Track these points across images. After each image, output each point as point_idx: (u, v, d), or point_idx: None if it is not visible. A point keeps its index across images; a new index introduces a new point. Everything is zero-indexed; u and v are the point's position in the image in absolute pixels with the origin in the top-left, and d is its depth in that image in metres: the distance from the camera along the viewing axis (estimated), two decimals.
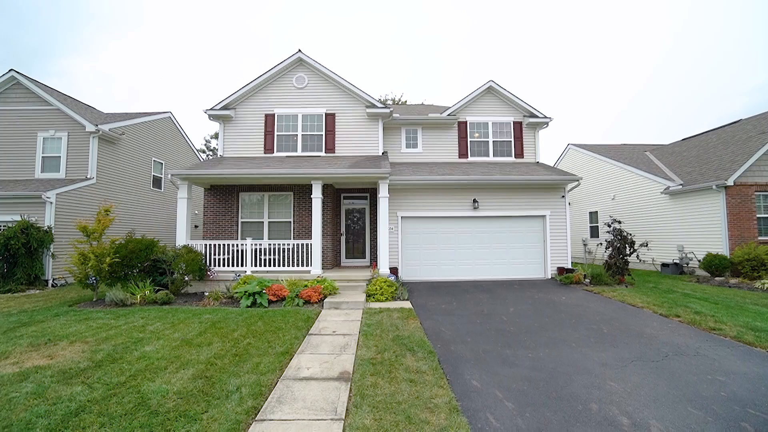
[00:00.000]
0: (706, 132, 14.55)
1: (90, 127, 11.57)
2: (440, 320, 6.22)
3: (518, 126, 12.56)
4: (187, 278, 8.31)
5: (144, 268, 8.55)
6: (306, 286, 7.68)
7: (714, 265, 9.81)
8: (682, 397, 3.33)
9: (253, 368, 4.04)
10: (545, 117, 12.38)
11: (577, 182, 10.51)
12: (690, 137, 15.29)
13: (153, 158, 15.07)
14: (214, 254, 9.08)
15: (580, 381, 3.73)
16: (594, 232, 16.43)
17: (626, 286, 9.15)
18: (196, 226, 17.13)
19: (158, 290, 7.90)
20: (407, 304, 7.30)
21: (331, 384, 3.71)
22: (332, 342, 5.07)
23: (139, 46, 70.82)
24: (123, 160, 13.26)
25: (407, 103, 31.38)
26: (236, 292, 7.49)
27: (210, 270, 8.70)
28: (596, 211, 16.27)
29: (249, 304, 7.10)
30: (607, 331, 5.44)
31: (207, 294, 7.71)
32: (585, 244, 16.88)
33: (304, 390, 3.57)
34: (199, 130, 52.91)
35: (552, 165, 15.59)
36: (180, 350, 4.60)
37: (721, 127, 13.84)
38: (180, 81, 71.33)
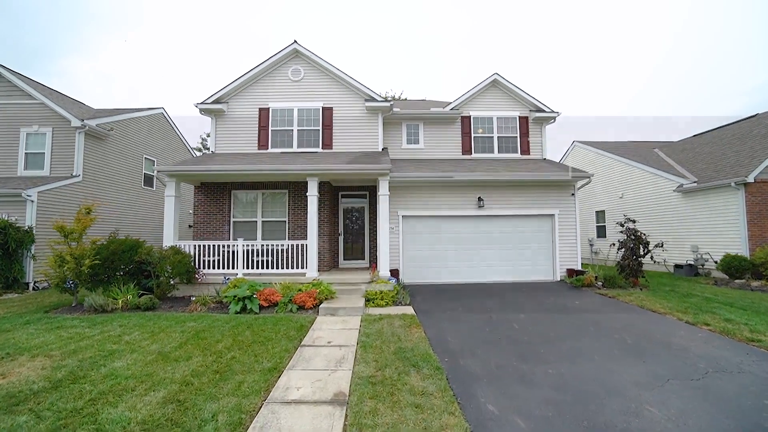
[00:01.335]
0: (719, 128, 14.00)
1: (75, 123, 11.02)
2: (446, 328, 5.69)
3: (524, 121, 12.03)
4: (173, 281, 7.78)
5: (128, 271, 8.01)
6: (300, 290, 7.14)
7: (733, 267, 9.27)
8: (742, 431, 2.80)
9: (235, 389, 3.51)
10: (552, 111, 11.86)
11: (587, 179, 9.97)
12: (702, 133, 14.75)
13: (144, 155, 14.51)
14: (204, 256, 8.54)
15: (613, 405, 3.20)
16: (601, 231, 15.91)
17: (641, 289, 8.62)
18: (190, 226, 16.56)
19: (142, 295, 7.36)
20: (409, 310, 6.77)
21: (323, 409, 3.18)
22: (327, 355, 4.54)
23: (139, 46, 70.12)
24: (112, 158, 12.71)
25: (407, 100, 30.79)
26: (225, 297, 6.95)
27: (199, 273, 8.16)
28: (603, 211, 15.75)
29: (238, 310, 6.56)
30: (631, 342, 4.91)
31: (194, 299, 7.17)
32: (591, 245, 16.37)
33: (292, 417, 3.04)
34: (196, 130, 52.30)
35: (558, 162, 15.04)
36: (154, 366, 4.07)
37: (736, 122, 13.30)
38: (180, 81, 70.54)
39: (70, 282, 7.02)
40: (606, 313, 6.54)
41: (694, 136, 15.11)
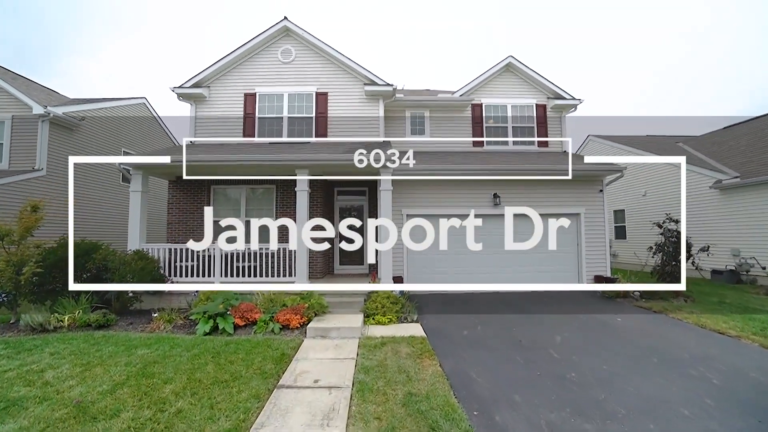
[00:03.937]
0: (755, 118, 12.74)
1: (38, 109, 9.77)
2: (467, 358, 4.45)
3: (542, 109, 10.79)
4: (133, 292, 6.54)
5: (86, 280, 6.76)
6: (285, 304, 5.90)
7: None
8: None
9: None
10: (573, 99, 10.62)
11: (619, 173, 8.77)
12: (734, 125, 13.48)
13: (123, 149, 13.24)
14: (177, 261, 7.29)
15: None
16: (620, 232, 14.67)
17: (685, 300, 7.41)
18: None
19: (96, 308, 6.12)
20: (418, 330, 5.53)
21: None
22: (311, 403, 3.31)
23: (140, 46, 69.20)
24: (84, 150, 11.41)
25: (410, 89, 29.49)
26: (194, 314, 5.71)
27: (168, 281, 6.92)
28: (623, 209, 14.52)
29: (208, 331, 5.31)
30: (720, 384, 3.66)
31: (156, 315, 5.92)
32: (609, 246, 15.11)
33: None
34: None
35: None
36: (59, 428, 2.83)
37: None
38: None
39: (3, 294, 5.77)
40: (661, 335, 5.30)
41: (724, 128, 13.85)
